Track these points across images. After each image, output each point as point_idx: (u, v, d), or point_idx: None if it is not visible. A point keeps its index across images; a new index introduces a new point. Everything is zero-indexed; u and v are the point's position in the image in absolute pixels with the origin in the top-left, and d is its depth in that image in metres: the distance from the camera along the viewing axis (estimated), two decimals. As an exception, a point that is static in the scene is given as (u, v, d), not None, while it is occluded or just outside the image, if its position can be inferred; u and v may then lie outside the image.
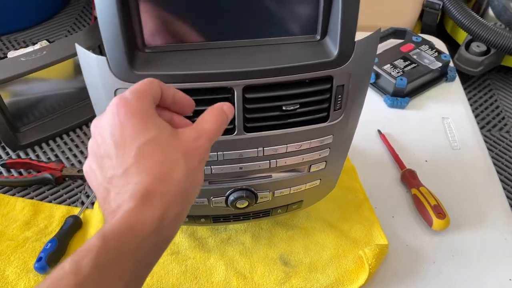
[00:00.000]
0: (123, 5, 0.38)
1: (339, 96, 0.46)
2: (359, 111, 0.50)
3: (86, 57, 0.41)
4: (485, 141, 1.04)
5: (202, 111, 0.38)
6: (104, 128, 0.34)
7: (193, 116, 0.38)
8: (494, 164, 0.99)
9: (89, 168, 0.36)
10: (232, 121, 0.44)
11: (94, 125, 0.35)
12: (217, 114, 0.38)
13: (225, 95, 0.42)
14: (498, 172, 0.97)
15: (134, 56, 0.40)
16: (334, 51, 0.43)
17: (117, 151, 0.33)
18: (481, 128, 1.07)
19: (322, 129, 0.48)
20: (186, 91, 0.41)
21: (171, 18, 0.41)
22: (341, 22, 0.41)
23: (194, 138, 0.35)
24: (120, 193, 0.32)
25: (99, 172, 0.34)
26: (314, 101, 0.45)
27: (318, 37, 0.44)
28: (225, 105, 0.38)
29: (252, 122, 0.45)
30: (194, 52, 0.42)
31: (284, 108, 0.44)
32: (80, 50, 0.41)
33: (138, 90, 0.34)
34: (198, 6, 0.41)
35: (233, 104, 0.43)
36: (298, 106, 0.45)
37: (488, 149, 1.02)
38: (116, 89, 0.41)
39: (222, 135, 0.44)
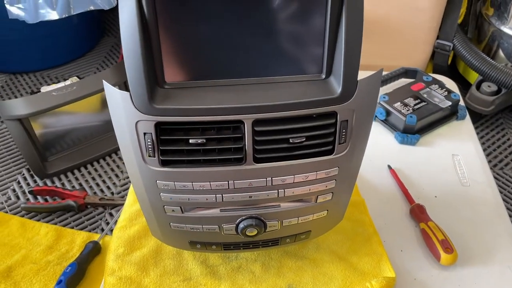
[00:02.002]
0: (146, 47, 0.42)
1: (344, 130, 0.49)
2: (364, 144, 0.53)
3: (111, 93, 0.45)
4: (497, 179, 1.05)
5: (216, 139, 0.43)
6: None
7: (206, 144, 0.44)
8: (506, 202, 0.99)
9: None
10: (243, 152, 0.47)
11: None
12: None
13: (236, 128, 0.46)
14: (510, 209, 0.97)
15: (155, 92, 0.45)
16: (338, 89, 0.46)
17: None
18: (493, 166, 1.08)
19: (328, 161, 0.51)
20: (201, 123, 0.46)
21: (189, 58, 0.46)
22: (344, 64, 0.45)
23: None
24: None
25: None
26: (320, 135, 0.48)
27: (324, 76, 0.48)
28: None
29: (261, 153, 0.48)
30: (209, 88, 0.46)
31: (291, 140, 0.48)
32: (107, 86, 0.45)
33: None
34: (214, 47, 0.45)
35: (244, 136, 0.46)
36: (304, 139, 0.48)
37: (500, 187, 1.03)
38: (137, 121, 0.45)
39: (233, 165, 0.48)
